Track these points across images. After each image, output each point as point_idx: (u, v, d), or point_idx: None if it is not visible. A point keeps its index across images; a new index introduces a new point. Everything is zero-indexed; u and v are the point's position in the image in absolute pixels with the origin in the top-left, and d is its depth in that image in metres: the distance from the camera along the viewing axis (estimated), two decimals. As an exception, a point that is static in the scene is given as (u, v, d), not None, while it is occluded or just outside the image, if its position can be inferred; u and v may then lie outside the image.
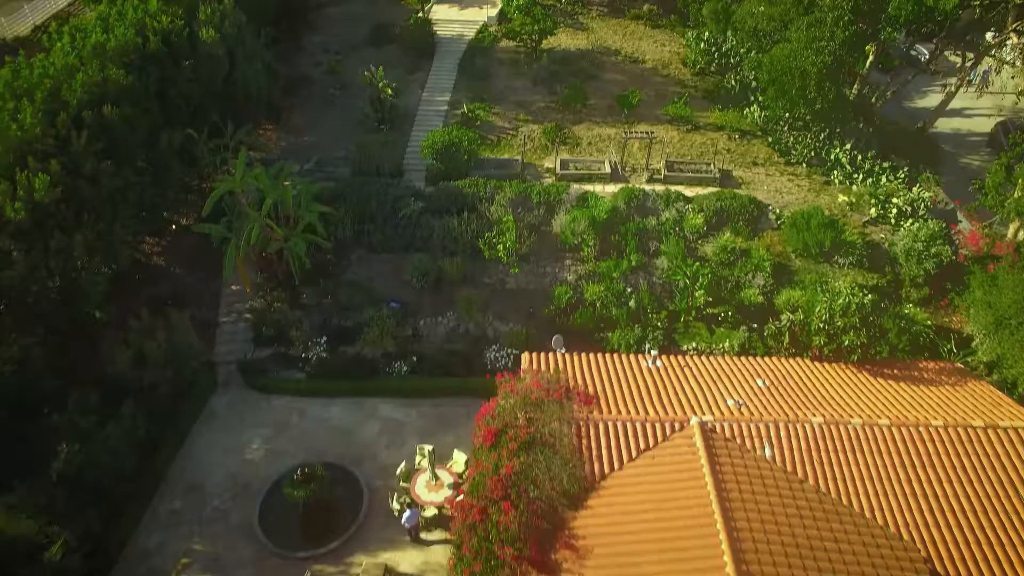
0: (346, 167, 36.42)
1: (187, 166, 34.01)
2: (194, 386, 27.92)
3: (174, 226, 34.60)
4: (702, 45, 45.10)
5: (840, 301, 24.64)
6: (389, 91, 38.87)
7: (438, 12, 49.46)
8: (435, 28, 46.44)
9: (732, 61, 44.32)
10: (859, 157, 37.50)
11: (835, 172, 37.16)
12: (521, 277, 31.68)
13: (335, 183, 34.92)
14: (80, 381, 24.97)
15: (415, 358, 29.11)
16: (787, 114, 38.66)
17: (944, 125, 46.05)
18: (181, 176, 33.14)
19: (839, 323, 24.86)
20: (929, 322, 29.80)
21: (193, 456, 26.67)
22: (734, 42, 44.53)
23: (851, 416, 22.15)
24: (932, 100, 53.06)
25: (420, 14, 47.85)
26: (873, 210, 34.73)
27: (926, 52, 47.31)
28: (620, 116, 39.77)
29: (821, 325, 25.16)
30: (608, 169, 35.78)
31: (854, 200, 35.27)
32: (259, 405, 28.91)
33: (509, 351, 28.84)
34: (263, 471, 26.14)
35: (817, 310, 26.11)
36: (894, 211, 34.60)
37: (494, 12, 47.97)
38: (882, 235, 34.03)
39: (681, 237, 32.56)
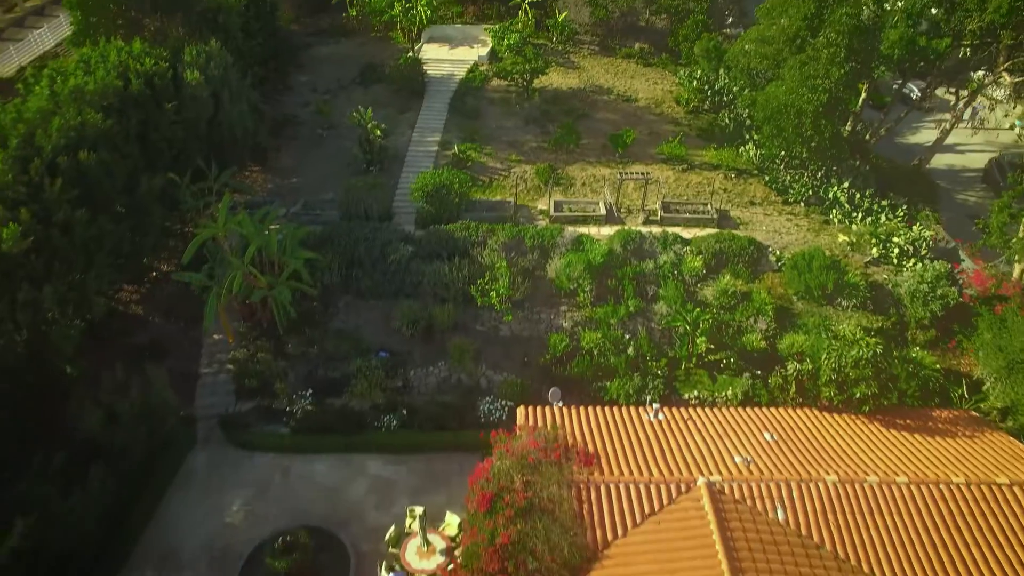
0: (334, 210, 35.41)
1: (169, 210, 32.95)
2: (170, 444, 26.40)
3: (154, 273, 33.32)
4: (695, 83, 44.74)
5: (853, 353, 23.49)
6: (378, 132, 38.09)
7: (428, 51, 49.08)
8: (425, 67, 45.94)
9: (725, 99, 43.92)
10: (857, 195, 36.86)
11: (834, 211, 36.44)
12: (515, 324, 30.52)
13: (322, 227, 33.88)
14: (46, 441, 23.42)
15: (405, 411, 27.76)
16: (783, 152, 38.08)
17: (938, 161, 45.67)
18: (162, 221, 32.01)
19: (850, 374, 23.73)
20: (938, 366, 28.76)
21: (168, 520, 25.06)
22: (727, 80, 44.20)
23: (866, 473, 20.94)
24: (924, 136, 52.88)
25: (410, 54, 47.44)
26: (875, 250, 33.93)
27: (916, 89, 47.16)
28: (614, 156, 39.08)
29: (831, 376, 24.03)
30: (603, 211, 34.91)
31: (855, 240, 34.48)
32: (240, 463, 27.39)
33: (504, 403, 27.58)
34: (243, 536, 24.56)
35: (825, 359, 25.01)
36: (896, 251, 33.80)
37: (485, 51, 47.58)
38: (885, 276, 33.17)
39: (680, 281, 31.58)
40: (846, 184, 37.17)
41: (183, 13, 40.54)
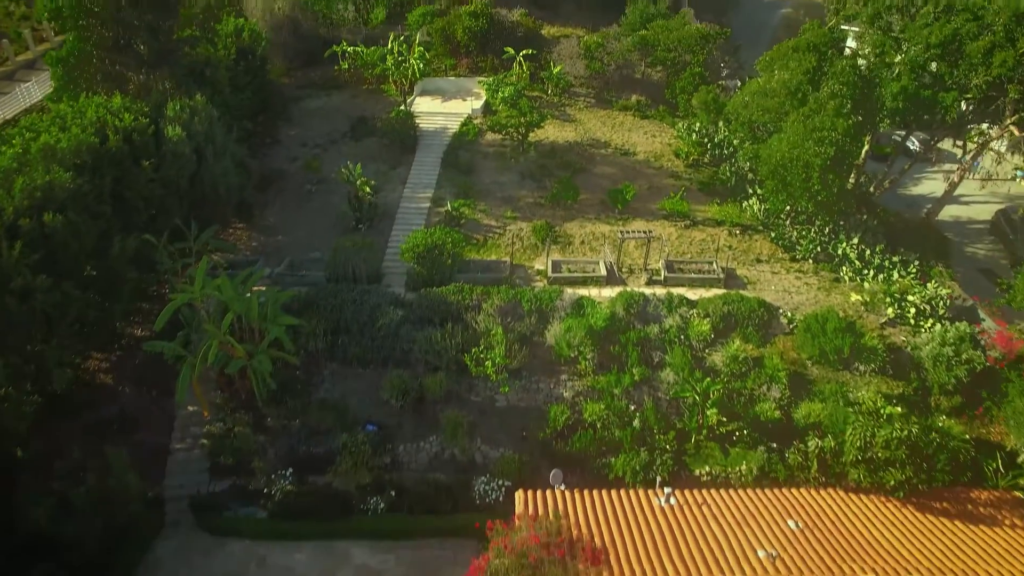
0: (321, 270, 33.57)
1: (145, 272, 31.11)
2: (132, 532, 23.97)
3: (125, 339, 31.23)
4: (694, 136, 43.64)
5: (883, 432, 21.48)
6: (367, 189, 36.56)
7: (421, 104, 48.04)
8: (418, 121, 44.75)
9: (726, 152, 42.76)
10: (867, 251, 35.31)
11: (844, 268, 34.82)
12: (512, 394, 28.45)
13: (308, 288, 32.01)
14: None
15: (393, 492, 25.54)
16: (788, 207, 36.68)
17: (943, 213, 44.44)
18: (136, 285, 30.08)
19: (880, 454, 21.69)
20: (967, 436, 26.72)
21: (128, 622, 22.54)
22: (726, 133, 43.13)
23: (909, 572, 18.74)
24: (927, 187, 51.85)
25: (402, 107, 46.36)
26: (890, 310, 32.19)
27: (916, 141, 46.17)
28: (613, 212, 37.58)
29: (858, 456, 21.98)
30: (604, 271, 33.17)
31: (868, 299, 32.77)
32: (212, 551, 25.04)
33: (500, 482, 25.47)
34: (211, 640, 22.04)
35: (850, 435, 23.00)
36: (912, 311, 32.07)
37: (478, 104, 46.52)
38: (903, 338, 31.36)
39: (687, 346, 29.67)
40: (855, 239, 35.67)
41: (169, 67, 39.53)
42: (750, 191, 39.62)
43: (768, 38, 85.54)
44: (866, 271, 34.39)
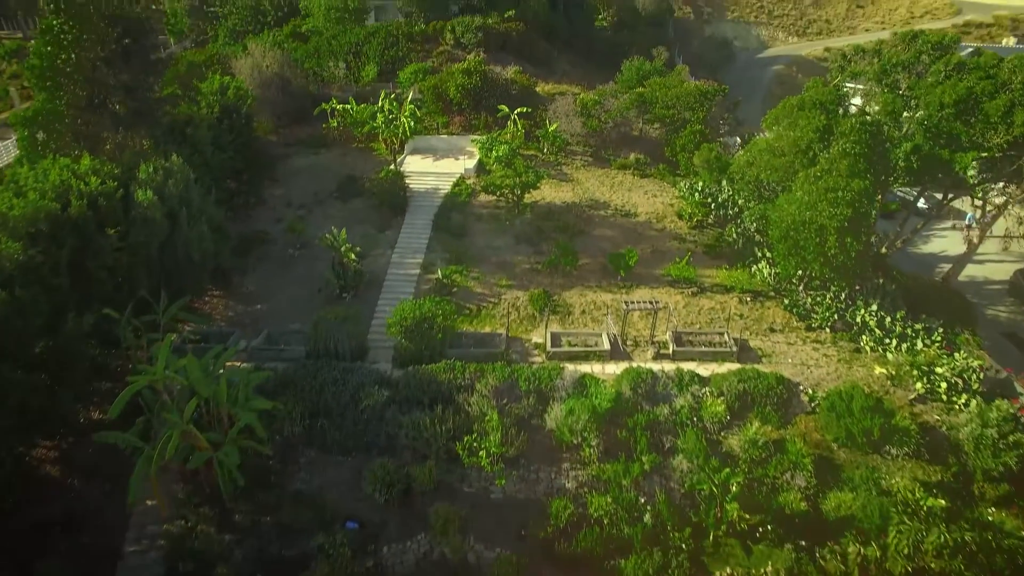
0: (301, 343, 30.94)
1: (107, 348, 28.45)
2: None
3: (78, 423, 28.28)
4: (696, 196, 41.74)
5: (932, 538, 18.71)
6: (352, 256, 34.20)
7: (411, 164, 46.19)
8: (408, 181, 42.81)
9: (731, 212, 40.80)
10: (887, 318, 32.96)
11: (864, 337, 32.42)
12: (509, 485, 25.54)
13: (286, 364, 29.36)
14: None
15: (375, 604, 22.38)
16: (800, 271, 34.47)
17: (959, 273, 42.51)
18: (94, 364, 27.36)
19: (933, 565, 18.83)
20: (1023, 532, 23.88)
21: None
22: (730, 192, 41.25)
23: None
24: (936, 245, 50.10)
25: (392, 166, 44.46)
26: (919, 385, 29.65)
27: (923, 200, 44.41)
28: (616, 278, 35.26)
29: (906, 568, 19.11)
30: (607, 344, 30.63)
31: (894, 372, 30.27)
32: None
33: (497, 590, 22.35)
34: None
35: (894, 538, 20.19)
36: (943, 385, 29.55)
37: (471, 164, 44.66)
38: (936, 416, 28.75)
39: (700, 430, 26.94)
40: (874, 306, 33.33)
41: (147, 127, 37.69)
42: (759, 254, 37.48)
43: (762, 94, 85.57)
44: (888, 340, 31.98)
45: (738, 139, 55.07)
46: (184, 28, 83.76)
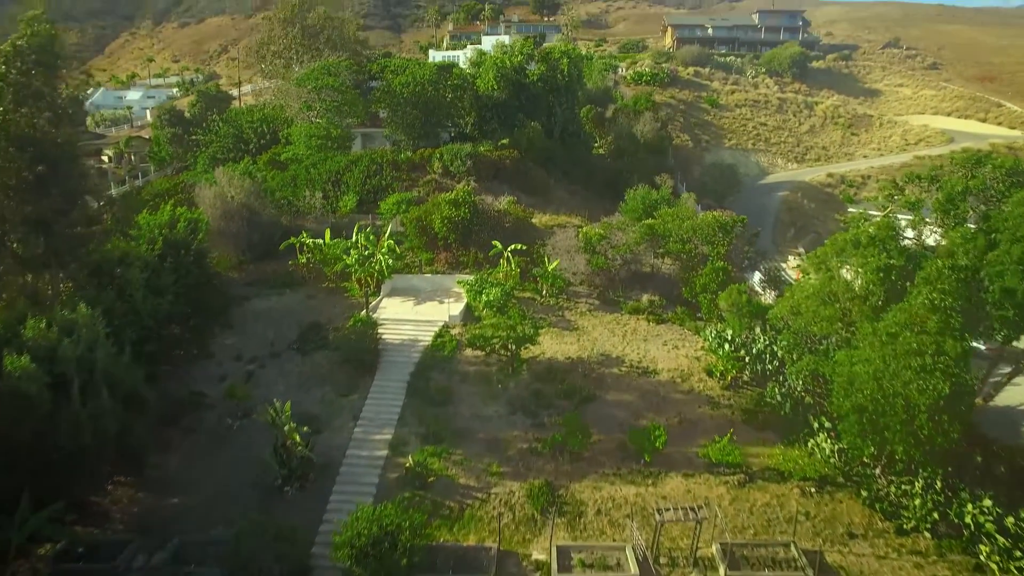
0: (217, 568, 22.65)
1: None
2: None
3: None
4: (726, 347, 34.65)
5: None
6: (298, 438, 26.50)
7: (388, 308, 39.42)
8: (382, 330, 35.79)
9: (769, 367, 33.56)
10: (1009, 518, 24.89)
11: (982, 547, 24.25)
12: None
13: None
14: None
15: None
16: (874, 448, 26.82)
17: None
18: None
19: None
20: None
21: None
22: (767, 341, 34.24)
23: None
24: (1012, 396, 42.56)
25: (364, 312, 37.65)
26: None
27: (981, 346, 37.26)
28: (638, 461, 27.48)
29: None
30: (633, 565, 22.40)
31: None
32: None
33: None
34: None
35: None
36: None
37: (458, 309, 37.84)
38: None
39: None
40: (986, 500, 25.34)
41: (63, 268, 31.18)
42: (814, 423, 29.95)
43: (772, 221, 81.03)
44: (1019, 552, 23.77)
45: (759, 272, 48.98)
46: (166, 156, 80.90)
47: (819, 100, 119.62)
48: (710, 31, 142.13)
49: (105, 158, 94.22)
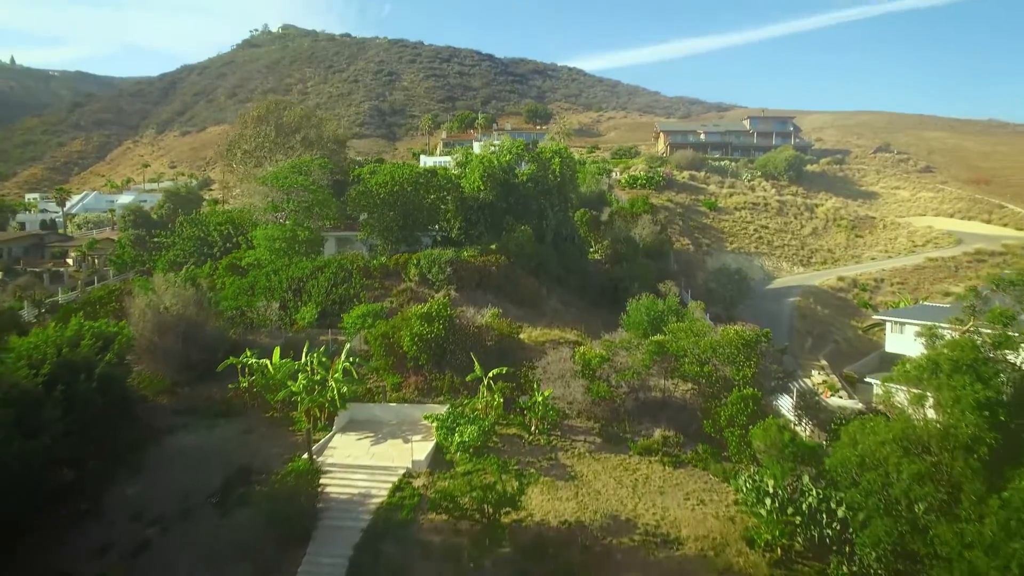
0: None
1: None
2: None
3: None
4: (768, 503, 26.78)
5: None
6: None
7: (338, 449, 31.62)
8: (325, 480, 28.00)
9: (829, 530, 25.61)
10: None
11: None
12: None
13: None
14: None
15: None
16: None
17: None
18: None
19: None
20: None
21: None
22: (821, 495, 26.46)
23: None
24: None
25: (305, 456, 29.84)
26: None
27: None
28: None
29: None
30: None
31: None
32: None
33: None
34: None
35: None
36: None
37: (424, 451, 30.02)
38: None
39: None
40: None
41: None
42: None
43: (786, 330, 74.21)
44: None
45: (788, 399, 41.58)
46: (128, 259, 75.52)
47: (819, 202, 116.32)
48: (703, 136, 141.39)
49: (70, 260, 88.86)
